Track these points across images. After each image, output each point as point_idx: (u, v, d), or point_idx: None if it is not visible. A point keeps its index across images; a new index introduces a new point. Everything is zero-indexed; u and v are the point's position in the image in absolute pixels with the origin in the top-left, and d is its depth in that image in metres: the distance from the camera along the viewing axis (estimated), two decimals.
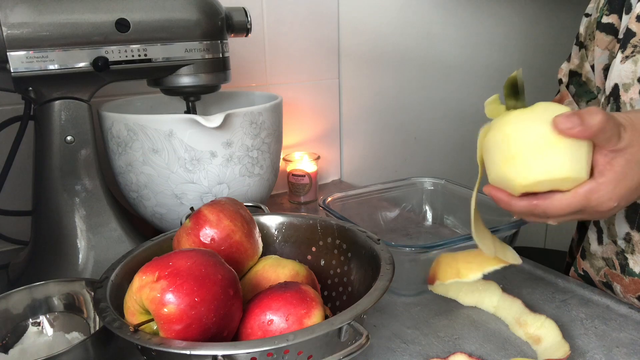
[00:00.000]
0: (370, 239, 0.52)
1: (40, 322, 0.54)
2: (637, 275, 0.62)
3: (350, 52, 1.11)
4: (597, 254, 0.67)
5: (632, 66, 0.58)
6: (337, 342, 0.39)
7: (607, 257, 0.65)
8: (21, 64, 0.58)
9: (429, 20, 1.22)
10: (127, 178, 0.69)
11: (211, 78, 0.69)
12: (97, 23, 0.60)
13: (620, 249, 0.63)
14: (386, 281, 0.44)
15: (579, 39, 0.73)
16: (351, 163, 1.19)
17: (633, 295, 0.63)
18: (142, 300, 0.39)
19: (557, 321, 0.56)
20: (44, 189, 0.64)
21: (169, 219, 0.71)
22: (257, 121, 0.69)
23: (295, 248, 0.58)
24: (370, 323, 0.57)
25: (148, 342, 0.37)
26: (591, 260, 0.68)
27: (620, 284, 0.64)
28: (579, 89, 0.74)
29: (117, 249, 0.65)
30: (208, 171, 0.67)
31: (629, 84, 0.58)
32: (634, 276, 0.62)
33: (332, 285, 0.55)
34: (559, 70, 0.77)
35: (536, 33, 1.43)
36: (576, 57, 0.74)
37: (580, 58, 0.73)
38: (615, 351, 0.52)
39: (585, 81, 0.73)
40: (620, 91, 0.59)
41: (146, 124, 0.64)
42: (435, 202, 0.84)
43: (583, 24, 0.72)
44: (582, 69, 0.73)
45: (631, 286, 0.63)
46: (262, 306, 0.43)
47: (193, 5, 0.65)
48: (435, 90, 1.29)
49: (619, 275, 0.64)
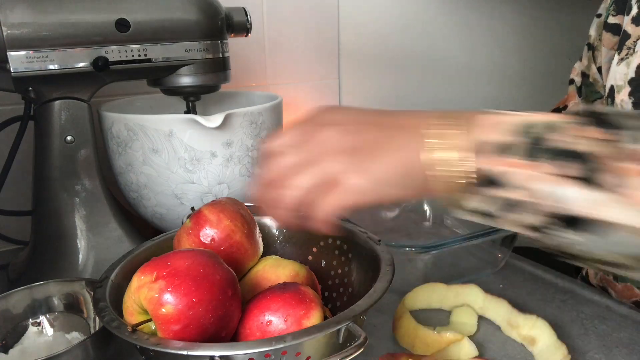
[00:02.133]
0: (371, 240, 0.51)
1: (40, 322, 0.54)
2: (629, 281, 0.62)
3: (350, 52, 1.11)
4: None
5: (625, 68, 0.58)
6: (336, 343, 0.39)
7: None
8: (21, 64, 0.58)
9: (430, 20, 1.22)
10: (127, 178, 0.69)
11: (211, 78, 0.69)
12: (97, 23, 0.60)
13: None
14: (386, 282, 0.44)
15: (589, 40, 0.73)
16: None
17: (628, 300, 0.63)
18: (141, 300, 0.39)
19: (557, 321, 0.56)
20: (44, 189, 0.64)
21: (169, 219, 0.71)
22: (257, 121, 0.69)
23: (296, 249, 0.58)
24: (371, 323, 0.57)
25: (146, 342, 0.37)
26: None
27: (614, 290, 0.64)
28: (587, 89, 0.75)
29: (117, 249, 0.65)
30: (208, 171, 0.67)
31: (621, 85, 0.58)
32: (627, 282, 0.62)
33: (332, 286, 0.55)
34: (572, 70, 0.78)
35: (536, 33, 1.43)
36: (585, 57, 0.74)
37: (588, 59, 0.74)
38: (615, 351, 0.52)
39: (592, 82, 0.74)
40: (615, 92, 0.59)
41: (146, 124, 0.64)
42: (435, 202, 0.84)
43: (594, 25, 0.72)
44: (590, 70, 0.74)
45: (625, 292, 0.63)
46: (260, 307, 0.43)
47: (193, 5, 0.65)
48: (435, 90, 1.29)
49: (612, 282, 0.64)
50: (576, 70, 0.77)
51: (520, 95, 1.41)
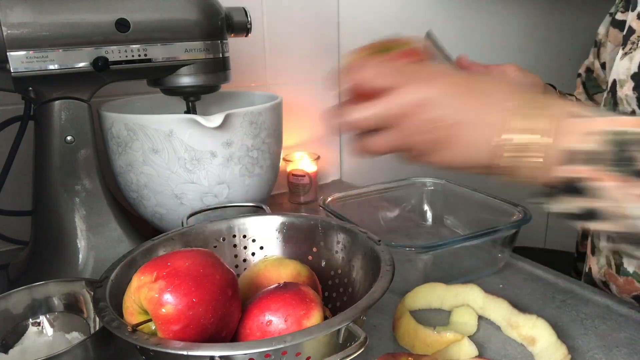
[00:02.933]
0: (371, 240, 0.51)
1: (40, 322, 0.54)
2: (630, 274, 0.62)
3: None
4: (604, 250, 0.67)
5: (628, 63, 0.58)
6: (336, 343, 0.39)
7: (608, 254, 0.65)
8: (21, 64, 0.58)
9: (429, 20, 1.22)
10: (127, 178, 0.69)
11: (211, 78, 0.69)
12: (97, 23, 0.60)
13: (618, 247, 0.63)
14: (386, 282, 0.44)
15: (597, 37, 0.76)
16: (351, 163, 1.19)
17: (628, 295, 0.63)
18: (141, 300, 0.39)
19: (557, 321, 0.56)
20: (44, 189, 0.64)
21: (169, 219, 0.71)
22: (257, 121, 0.69)
23: (296, 249, 0.58)
24: (371, 323, 0.57)
25: (146, 342, 0.37)
26: (598, 256, 0.68)
27: (616, 284, 0.64)
28: (589, 83, 0.78)
29: (117, 249, 0.65)
30: (208, 171, 0.67)
31: (624, 80, 0.59)
32: (628, 275, 0.62)
33: (332, 286, 0.55)
34: (581, 66, 0.81)
35: (537, 33, 1.43)
36: (592, 54, 0.78)
37: (594, 55, 0.77)
38: (615, 351, 0.52)
39: (595, 77, 0.77)
40: (617, 87, 0.60)
41: (146, 124, 0.64)
42: (435, 202, 0.84)
43: (605, 23, 0.75)
44: (594, 65, 0.77)
45: (625, 286, 0.63)
46: (261, 307, 0.43)
47: (193, 5, 0.65)
48: None
49: (614, 275, 0.64)
50: (584, 66, 0.80)
51: None
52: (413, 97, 0.42)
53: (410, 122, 0.42)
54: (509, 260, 0.71)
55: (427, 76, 0.44)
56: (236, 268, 0.58)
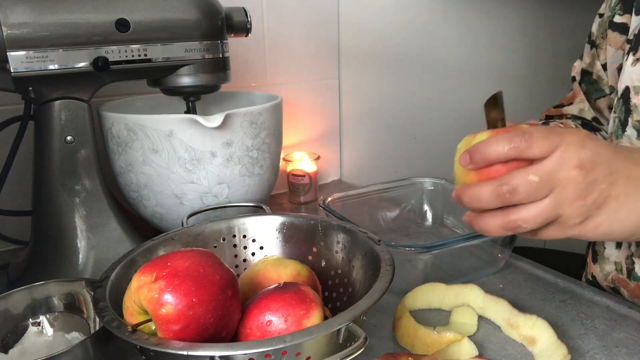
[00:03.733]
0: (371, 240, 0.51)
1: (40, 322, 0.54)
2: None
3: (350, 52, 1.11)
4: (610, 257, 0.66)
5: None
6: (336, 343, 0.39)
7: (618, 260, 0.65)
8: (21, 64, 0.58)
9: (429, 20, 1.22)
10: (127, 178, 0.69)
11: (211, 78, 0.69)
12: (97, 23, 0.60)
13: (631, 253, 0.63)
14: (386, 282, 0.44)
15: (591, 38, 0.73)
16: (351, 163, 1.19)
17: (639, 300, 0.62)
18: (141, 300, 0.39)
19: (557, 321, 0.56)
20: (44, 189, 0.64)
21: (169, 219, 0.71)
22: (257, 121, 0.69)
23: (296, 249, 0.58)
24: (371, 323, 0.57)
25: (146, 342, 0.37)
26: (602, 264, 0.67)
27: (627, 289, 0.64)
28: (589, 87, 0.75)
29: (117, 249, 0.65)
30: (208, 171, 0.67)
31: (638, 87, 0.58)
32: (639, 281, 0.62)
33: (332, 286, 0.55)
34: (572, 68, 0.78)
35: (536, 33, 1.43)
36: (588, 55, 0.75)
37: (591, 57, 0.74)
38: (615, 351, 0.52)
39: (595, 79, 0.74)
40: (631, 94, 0.59)
41: (146, 124, 0.64)
42: (435, 202, 0.84)
43: (596, 23, 0.73)
44: (593, 67, 0.74)
45: (637, 291, 0.62)
46: (261, 307, 0.43)
47: (193, 5, 0.65)
48: (435, 90, 1.29)
49: (625, 280, 0.63)
50: (576, 68, 0.77)
51: (520, 95, 1.41)
52: (574, 159, 0.39)
53: (569, 188, 0.39)
54: (509, 260, 0.71)
55: (577, 139, 0.40)
56: (236, 268, 0.58)
